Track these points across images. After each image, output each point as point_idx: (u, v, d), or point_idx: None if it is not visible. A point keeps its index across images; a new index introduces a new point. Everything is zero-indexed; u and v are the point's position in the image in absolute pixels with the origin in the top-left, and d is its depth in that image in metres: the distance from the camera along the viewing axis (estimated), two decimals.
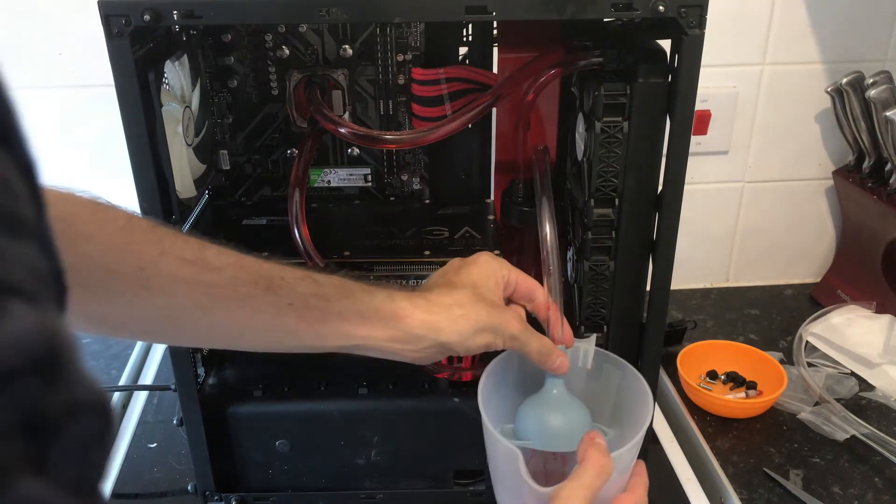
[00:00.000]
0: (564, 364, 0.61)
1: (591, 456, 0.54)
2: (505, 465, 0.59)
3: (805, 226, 1.19)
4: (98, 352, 1.06)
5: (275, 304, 0.51)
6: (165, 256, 0.47)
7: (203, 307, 0.50)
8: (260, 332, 0.53)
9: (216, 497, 0.76)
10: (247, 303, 0.51)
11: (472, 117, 0.69)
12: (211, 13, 0.56)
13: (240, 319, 0.51)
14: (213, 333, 0.53)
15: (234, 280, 0.50)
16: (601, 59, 0.65)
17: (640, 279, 0.68)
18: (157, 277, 0.47)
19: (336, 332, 0.54)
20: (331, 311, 0.53)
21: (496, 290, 0.61)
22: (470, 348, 0.58)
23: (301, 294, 0.53)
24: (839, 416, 0.88)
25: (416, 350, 0.57)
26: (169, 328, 0.52)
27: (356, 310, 0.54)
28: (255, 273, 0.51)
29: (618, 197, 0.65)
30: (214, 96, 0.79)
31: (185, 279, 0.48)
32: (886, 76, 0.99)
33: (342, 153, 0.84)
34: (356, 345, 0.56)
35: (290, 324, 0.52)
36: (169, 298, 0.48)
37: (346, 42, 0.77)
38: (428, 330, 0.56)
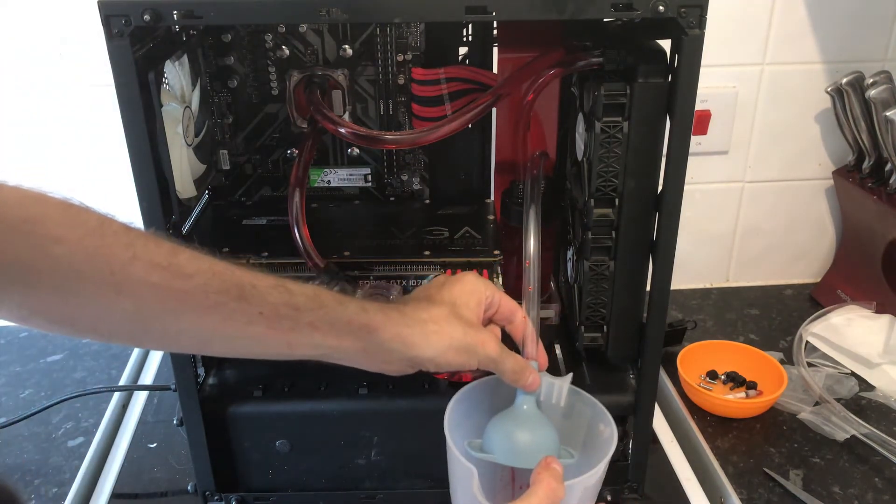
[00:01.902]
0: (536, 381, 0.62)
1: (542, 479, 0.54)
2: (461, 483, 0.60)
3: (805, 226, 1.19)
4: (98, 352, 1.06)
5: (245, 312, 0.51)
6: (137, 261, 0.47)
7: (173, 313, 0.49)
8: (229, 339, 0.53)
9: (216, 497, 0.76)
10: (217, 310, 0.50)
11: (472, 117, 0.69)
12: (211, 13, 0.56)
13: (209, 326, 0.51)
14: (181, 338, 0.53)
15: (205, 287, 0.50)
16: (601, 59, 0.65)
17: (640, 279, 0.68)
18: (128, 282, 0.47)
19: (306, 342, 0.54)
20: (301, 321, 0.53)
21: (476, 309, 0.61)
22: (441, 366, 0.58)
23: (272, 303, 0.52)
24: (839, 416, 0.88)
25: (387, 363, 0.57)
26: (137, 332, 0.51)
27: (328, 320, 0.54)
28: (226, 280, 0.51)
29: (618, 197, 0.65)
30: (214, 96, 0.79)
31: (155, 284, 0.48)
32: (886, 76, 0.99)
33: (342, 153, 0.84)
34: (326, 354, 0.56)
35: (259, 332, 0.52)
36: (139, 303, 0.48)
37: (346, 42, 0.77)
38: (400, 344, 0.56)
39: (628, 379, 0.74)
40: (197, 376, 0.72)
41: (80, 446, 0.88)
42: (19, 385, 0.99)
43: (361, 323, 0.55)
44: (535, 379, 0.62)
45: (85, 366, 1.03)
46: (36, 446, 0.89)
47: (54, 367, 1.03)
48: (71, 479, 0.83)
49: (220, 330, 0.51)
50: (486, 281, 0.63)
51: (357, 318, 0.55)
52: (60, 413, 0.94)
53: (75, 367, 1.03)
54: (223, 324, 0.51)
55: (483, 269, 0.72)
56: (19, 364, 1.04)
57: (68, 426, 0.92)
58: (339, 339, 0.54)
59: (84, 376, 1.01)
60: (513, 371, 0.60)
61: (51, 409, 0.92)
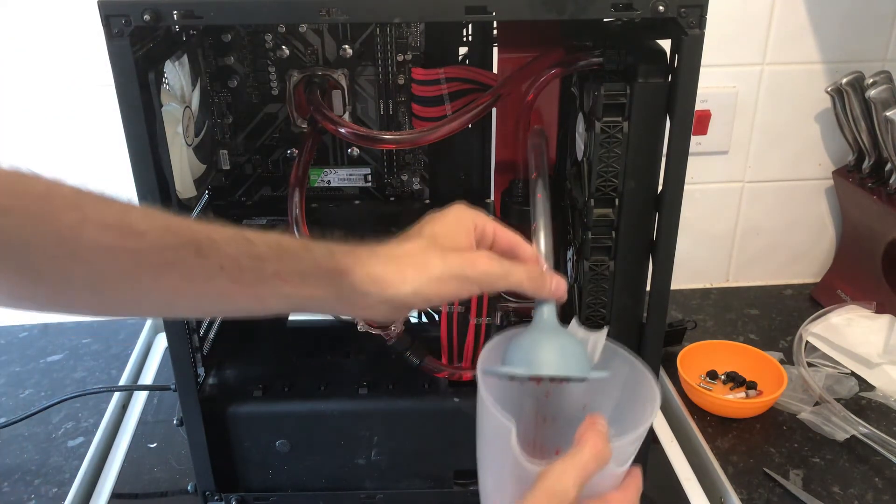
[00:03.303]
0: (561, 284, 0.55)
1: (589, 438, 0.50)
2: (494, 440, 0.54)
3: (805, 226, 1.19)
4: (98, 352, 1.06)
5: (205, 267, 0.48)
6: (86, 224, 0.44)
7: (130, 276, 0.46)
8: (193, 298, 0.49)
9: (216, 497, 0.76)
10: (175, 268, 0.47)
11: (472, 117, 0.69)
12: (211, 13, 0.56)
13: (170, 286, 0.48)
14: (144, 303, 0.50)
15: (159, 244, 0.47)
16: (601, 59, 0.65)
17: (640, 279, 0.68)
18: (80, 247, 0.44)
19: (275, 294, 0.50)
20: (266, 272, 0.49)
21: (463, 238, 0.55)
22: (431, 299, 0.52)
23: (232, 256, 0.49)
24: (839, 416, 0.88)
25: (367, 308, 0.52)
26: (98, 300, 0.48)
27: (294, 269, 0.50)
28: (182, 235, 0.48)
29: (618, 197, 0.65)
30: (214, 96, 0.79)
31: (107, 247, 0.45)
32: (886, 76, 0.99)
33: (342, 153, 0.84)
34: (299, 305, 0.52)
35: (223, 288, 0.49)
36: (93, 269, 0.45)
37: (346, 42, 0.77)
38: (372, 284, 0.51)
39: None
40: (197, 376, 0.72)
41: (80, 446, 0.88)
42: (19, 385, 0.99)
43: (330, 268, 0.51)
44: (560, 281, 0.55)
45: (85, 366, 1.03)
46: (36, 446, 0.89)
47: (54, 367, 1.03)
48: (71, 479, 0.83)
49: (182, 290, 0.48)
50: (475, 210, 0.57)
51: (325, 262, 0.51)
52: (60, 413, 0.94)
53: (75, 367, 1.03)
54: (184, 283, 0.48)
55: None
56: (19, 364, 1.04)
57: (68, 426, 0.92)
58: (308, 288, 0.51)
59: (84, 376, 1.01)
60: (529, 279, 0.54)
61: (51, 409, 0.92)
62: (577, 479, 0.48)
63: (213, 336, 0.80)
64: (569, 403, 0.62)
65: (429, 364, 0.74)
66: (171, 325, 0.68)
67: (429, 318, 0.83)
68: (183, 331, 0.68)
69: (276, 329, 0.87)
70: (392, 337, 0.72)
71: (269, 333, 0.85)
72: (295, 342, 0.83)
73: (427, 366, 0.74)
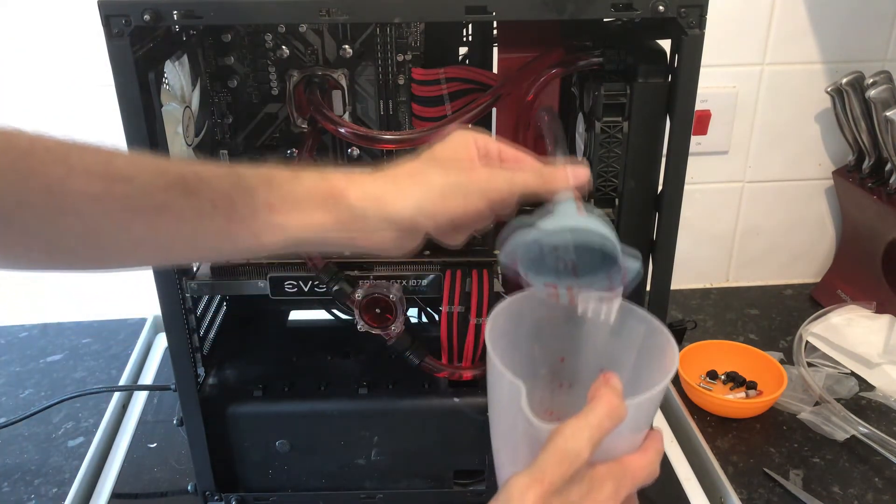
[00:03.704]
0: (580, 171, 0.51)
1: (603, 395, 0.47)
2: (505, 403, 0.52)
3: (805, 226, 1.19)
4: (98, 352, 1.06)
5: (197, 207, 0.46)
6: (73, 174, 0.43)
7: (121, 223, 0.45)
8: (188, 240, 0.48)
9: (216, 497, 0.76)
10: (167, 210, 0.46)
11: (472, 117, 0.69)
12: (211, 13, 0.56)
13: (164, 230, 0.47)
14: (140, 251, 0.48)
15: (148, 187, 0.46)
16: (601, 59, 0.65)
17: None
18: (68, 199, 0.43)
19: (270, 227, 0.48)
20: (258, 204, 0.48)
21: (464, 154, 0.52)
22: (436, 217, 0.49)
23: (223, 191, 0.47)
24: (839, 416, 0.88)
25: (367, 233, 0.49)
26: (94, 253, 0.47)
27: (286, 196, 0.48)
28: (170, 176, 0.47)
29: (618, 197, 0.65)
30: (214, 96, 0.79)
31: (96, 195, 0.44)
32: (886, 76, 0.99)
33: (342, 153, 0.84)
34: (298, 238, 0.49)
35: (218, 225, 0.47)
36: (84, 219, 0.44)
37: (346, 42, 0.77)
38: (371, 202, 0.49)
39: None
40: (197, 376, 0.72)
41: (80, 446, 0.88)
42: (19, 385, 0.99)
43: (323, 191, 0.49)
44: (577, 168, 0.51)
45: (85, 366, 1.03)
46: (36, 446, 0.89)
47: (54, 367, 1.03)
48: (71, 479, 0.83)
49: (175, 232, 0.47)
50: (476, 131, 0.54)
51: (318, 186, 0.49)
52: (60, 413, 0.94)
53: (75, 367, 1.03)
54: (177, 224, 0.47)
55: (483, 269, 0.72)
56: (19, 364, 1.04)
57: (68, 426, 0.92)
58: (304, 216, 0.48)
59: (84, 376, 1.01)
60: (537, 175, 0.51)
61: (51, 409, 0.92)
62: (591, 438, 0.45)
63: (213, 336, 0.80)
64: (586, 367, 0.60)
65: (429, 364, 0.74)
66: (171, 325, 0.68)
67: (429, 318, 0.83)
68: (183, 331, 0.68)
69: (276, 329, 0.87)
70: (392, 337, 0.72)
71: (269, 333, 0.85)
72: (295, 342, 0.83)
73: (427, 366, 0.74)
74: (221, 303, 0.85)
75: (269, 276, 0.70)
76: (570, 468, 0.45)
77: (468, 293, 0.71)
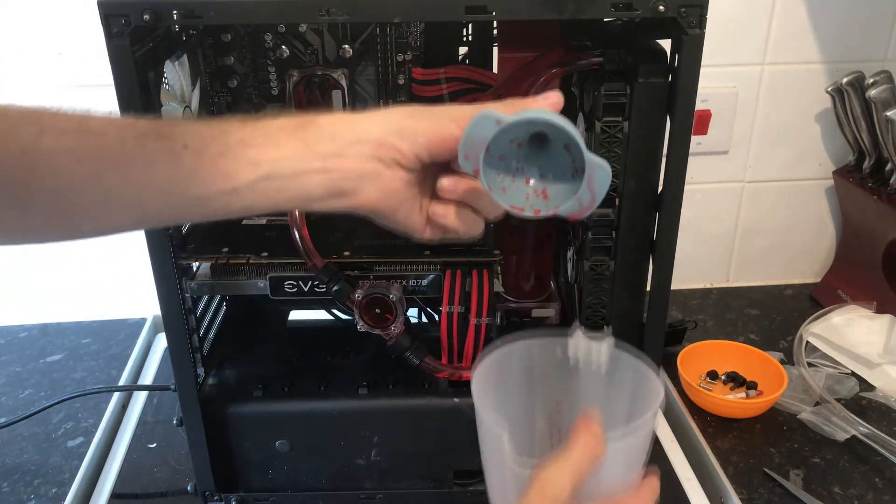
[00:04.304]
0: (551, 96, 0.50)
1: (581, 435, 0.49)
2: (491, 446, 0.54)
3: (805, 226, 1.19)
4: (98, 352, 1.06)
5: (168, 149, 0.47)
6: (46, 134, 0.45)
7: (94, 176, 0.46)
8: (160, 188, 0.47)
9: (216, 497, 0.76)
10: (139, 156, 0.46)
11: None
12: (211, 13, 0.56)
13: (136, 179, 0.46)
14: (112, 205, 0.48)
15: (120, 137, 0.46)
16: (601, 59, 0.65)
17: (640, 279, 0.68)
18: (41, 157, 0.44)
19: (242, 164, 0.48)
20: (232, 140, 0.48)
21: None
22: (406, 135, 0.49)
23: (195, 132, 0.48)
24: (839, 416, 0.88)
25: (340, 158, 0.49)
26: (67, 213, 0.47)
27: (258, 131, 0.48)
28: (142, 127, 0.47)
29: (618, 197, 0.65)
30: (214, 96, 0.79)
31: (69, 150, 0.45)
32: (886, 76, 0.99)
33: None
34: (270, 173, 0.48)
35: (188, 167, 0.47)
36: (57, 176, 0.45)
37: (346, 42, 0.77)
38: (341, 123, 0.49)
39: None
40: (197, 376, 0.72)
41: (79, 446, 0.88)
42: (19, 385, 0.99)
43: (296, 122, 0.49)
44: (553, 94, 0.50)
45: (85, 366, 1.03)
46: (36, 446, 0.89)
47: (54, 367, 1.03)
48: (71, 479, 0.83)
49: (147, 179, 0.47)
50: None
51: (290, 120, 0.50)
52: (60, 413, 0.94)
53: (75, 367, 1.03)
54: (148, 171, 0.46)
55: (483, 269, 0.72)
56: (19, 364, 1.04)
57: (68, 426, 0.92)
58: (276, 148, 0.48)
59: (84, 376, 1.01)
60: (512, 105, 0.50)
61: (51, 409, 0.92)
62: (569, 478, 0.47)
63: (213, 336, 0.80)
64: (582, 412, 0.60)
65: (429, 364, 0.74)
66: (170, 325, 0.68)
67: (429, 318, 0.83)
68: (183, 331, 0.68)
69: (276, 329, 0.87)
70: (392, 337, 0.72)
71: (269, 333, 0.85)
72: (295, 342, 0.83)
73: (427, 366, 0.74)
74: (221, 303, 0.85)
75: (268, 276, 0.70)
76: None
77: (468, 293, 0.71)
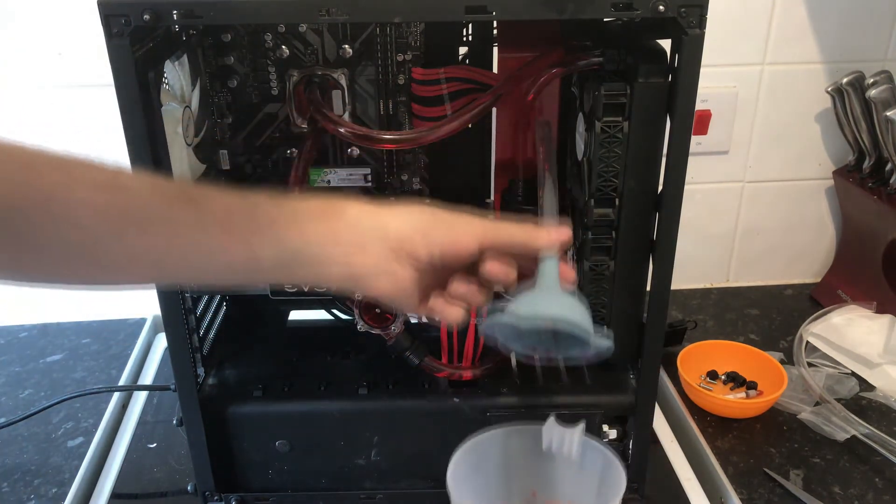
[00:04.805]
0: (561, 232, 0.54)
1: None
2: None
3: (805, 226, 1.19)
4: (98, 352, 1.06)
5: (196, 217, 0.47)
6: (75, 184, 0.44)
7: (119, 234, 0.45)
8: (183, 253, 0.48)
9: (216, 497, 0.76)
10: (167, 222, 0.46)
11: (472, 117, 0.69)
12: (211, 13, 0.56)
13: (160, 242, 0.47)
14: (133, 265, 0.48)
15: (150, 198, 0.46)
16: (601, 59, 0.65)
17: (640, 279, 0.68)
18: (67, 207, 0.43)
19: (268, 242, 0.49)
20: (260, 218, 0.49)
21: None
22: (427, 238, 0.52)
23: (224, 203, 0.48)
24: (839, 416, 0.88)
25: (361, 247, 0.51)
26: (86, 265, 0.47)
27: (288, 213, 0.50)
28: (173, 189, 0.47)
29: (618, 197, 0.65)
30: (214, 96, 0.79)
31: (96, 204, 0.44)
32: (886, 76, 0.99)
33: (342, 153, 0.84)
34: (293, 251, 0.50)
35: (214, 237, 0.47)
36: (82, 229, 0.44)
37: (346, 42, 0.77)
38: (367, 215, 0.51)
39: (628, 379, 0.74)
40: (197, 376, 0.72)
41: (79, 446, 0.88)
42: (19, 385, 0.99)
43: (324, 204, 0.51)
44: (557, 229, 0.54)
45: (85, 366, 1.03)
46: (36, 446, 0.89)
47: (54, 367, 1.03)
48: (71, 479, 0.83)
49: (171, 244, 0.47)
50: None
51: (319, 202, 0.51)
52: (60, 413, 0.94)
53: (75, 367, 1.03)
54: (174, 236, 0.47)
55: None
56: (19, 364, 1.04)
57: (68, 426, 0.92)
58: (302, 228, 0.50)
59: (84, 376, 1.01)
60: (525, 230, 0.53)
61: (51, 409, 0.92)
62: None
63: (213, 336, 0.80)
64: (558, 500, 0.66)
65: (429, 364, 0.74)
66: (170, 325, 0.68)
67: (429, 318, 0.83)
68: (183, 331, 0.68)
69: (276, 329, 0.87)
70: (392, 337, 0.72)
71: (269, 333, 0.85)
72: (295, 342, 0.83)
73: (427, 366, 0.74)
74: (221, 303, 0.85)
75: None
76: None
77: None
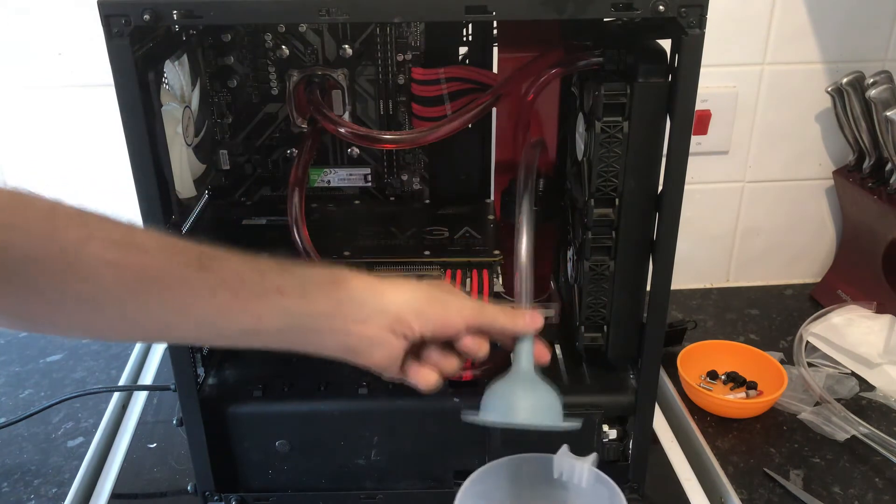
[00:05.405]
0: (537, 318, 0.59)
1: None
2: None
3: (805, 226, 1.19)
4: (98, 352, 1.06)
5: (207, 280, 0.48)
6: (92, 240, 0.45)
7: (131, 292, 0.46)
8: (191, 316, 0.49)
9: (216, 497, 0.76)
10: (178, 284, 0.48)
11: (472, 117, 0.69)
12: (211, 13, 0.56)
13: (170, 304, 0.48)
14: (140, 324, 0.49)
15: (164, 260, 0.47)
16: (601, 59, 0.65)
17: (640, 279, 0.68)
18: (82, 262, 0.44)
19: (274, 310, 0.51)
20: (268, 286, 0.51)
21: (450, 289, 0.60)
22: (421, 317, 0.55)
23: (235, 269, 0.50)
24: (839, 416, 0.88)
25: (361, 321, 0.54)
26: (94, 320, 0.48)
27: (295, 282, 0.52)
28: (187, 253, 0.48)
29: (618, 197, 0.65)
30: (214, 96, 0.79)
31: (111, 262, 0.45)
32: (886, 76, 0.99)
33: (342, 153, 0.84)
34: (297, 323, 0.53)
35: (222, 303, 0.49)
36: (94, 285, 0.45)
37: (346, 42, 0.77)
38: (370, 291, 0.54)
39: (628, 379, 0.74)
40: (197, 376, 0.72)
41: (79, 446, 0.88)
42: (19, 385, 0.99)
43: (328, 278, 0.53)
44: (535, 316, 0.59)
45: (85, 366, 1.03)
46: (36, 446, 0.89)
47: (54, 367, 1.03)
48: (71, 480, 0.83)
49: (181, 307, 0.48)
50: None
51: (323, 274, 0.54)
52: (60, 413, 0.94)
53: (75, 367, 1.03)
54: (184, 299, 0.48)
55: (483, 269, 0.72)
56: (19, 364, 1.04)
57: (68, 426, 0.92)
58: (308, 302, 0.52)
59: (84, 376, 1.01)
60: (506, 313, 0.58)
61: (51, 409, 0.92)
62: None
63: None
64: None
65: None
66: None
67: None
68: None
69: None
70: None
71: None
72: None
73: None
74: None
75: None
76: None
77: (468, 293, 0.71)
